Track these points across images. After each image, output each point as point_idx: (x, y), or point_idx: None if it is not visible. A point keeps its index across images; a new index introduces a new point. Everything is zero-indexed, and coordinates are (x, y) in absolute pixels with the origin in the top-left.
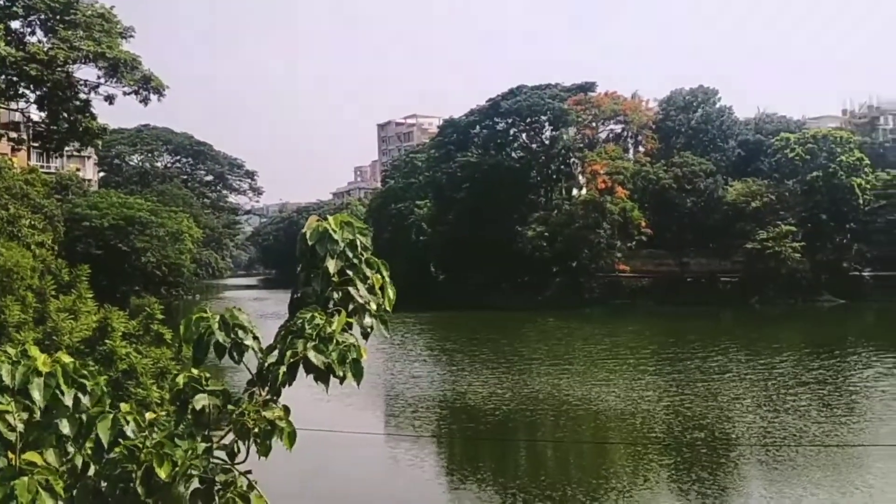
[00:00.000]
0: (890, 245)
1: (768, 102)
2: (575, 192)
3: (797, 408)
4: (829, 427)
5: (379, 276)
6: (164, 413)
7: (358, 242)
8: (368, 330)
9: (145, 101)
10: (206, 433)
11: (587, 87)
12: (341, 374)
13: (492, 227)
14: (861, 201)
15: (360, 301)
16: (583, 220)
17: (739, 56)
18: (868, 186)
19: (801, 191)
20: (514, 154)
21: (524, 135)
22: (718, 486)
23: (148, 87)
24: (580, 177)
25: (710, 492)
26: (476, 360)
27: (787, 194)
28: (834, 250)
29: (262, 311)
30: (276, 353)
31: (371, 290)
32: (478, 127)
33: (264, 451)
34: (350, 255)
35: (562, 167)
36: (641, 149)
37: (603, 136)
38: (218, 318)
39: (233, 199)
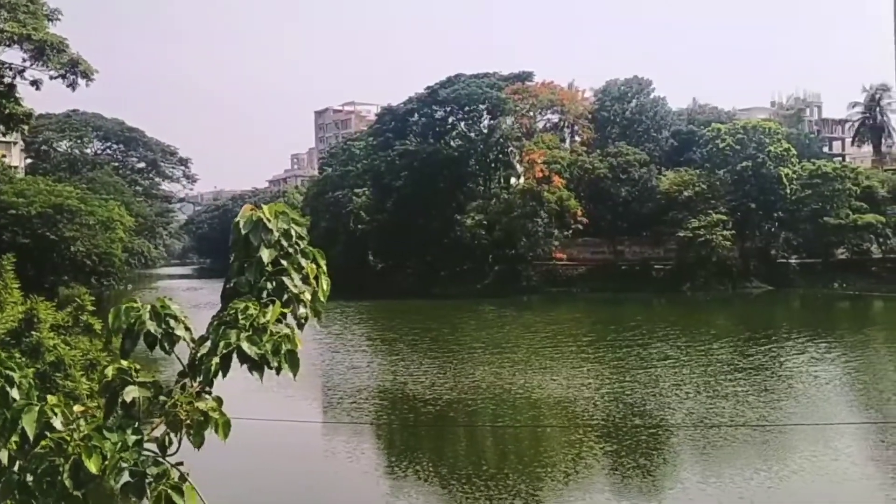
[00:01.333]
0: (814, 233)
1: (700, 94)
2: (513, 180)
3: (735, 393)
4: (765, 411)
5: (314, 266)
6: (94, 405)
7: (293, 232)
8: (303, 320)
9: (73, 85)
10: (137, 425)
11: (525, 77)
12: (276, 364)
13: (430, 215)
14: (788, 191)
15: (295, 291)
16: (521, 209)
17: (673, 48)
18: (794, 176)
19: (732, 180)
20: (452, 142)
21: (462, 123)
22: (657, 469)
23: (76, 71)
24: (518, 166)
25: (648, 475)
26: (416, 349)
27: (718, 184)
28: (762, 238)
29: (195, 301)
30: (208, 343)
31: (306, 280)
32: (416, 115)
33: (197, 442)
34: (285, 244)
35: (500, 156)
36: (578, 138)
37: (540, 125)
38: (149, 307)
39: (166, 186)
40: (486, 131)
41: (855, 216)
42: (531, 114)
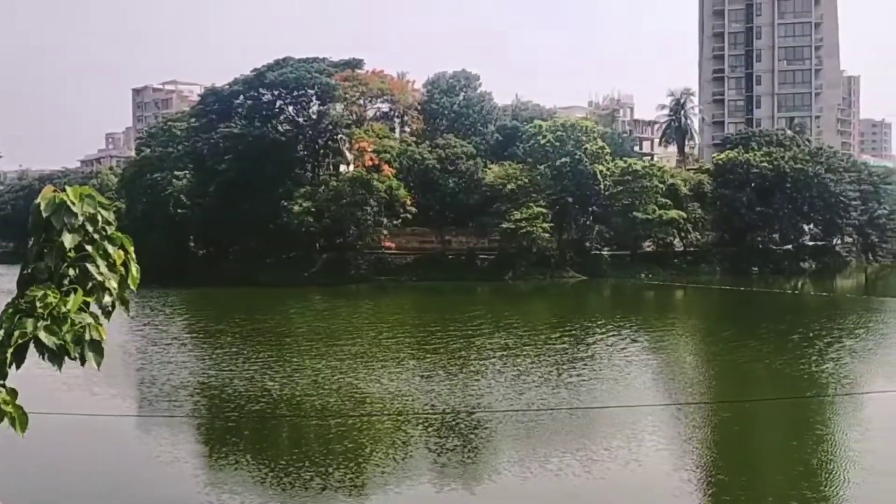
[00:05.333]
0: (625, 227)
1: (525, 91)
2: (342, 168)
3: (560, 379)
4: (591, 396)
5: (121, 252)
6: None
7: (99, 216)
8: (109, 309)
9: None
10: None
11: (355, 64)
12: (76, 355)
13: (256, 200)
14: (602, 187)
15: (100, 279)
16: (350, 197)
17: (499, 44)
18: (608, 173)
19: (552, 175)
20: (280, 127)
21: (291, 108)
22: (475, 453)
23: None
24: (348, 153)
25: (465, 459)
26: (239, 339)
27: (539, 178)
28: (578, 231)
29: None
30: (1, 333)
31: (112, 267)
32: (242, 97)
33: None
34: (90, 229)
35: (329, 143)
36: (407, 129)
37: (370, 114)
38: None
39: None
40: (314, 117)
41: (660, 212)
42: (361, 102)
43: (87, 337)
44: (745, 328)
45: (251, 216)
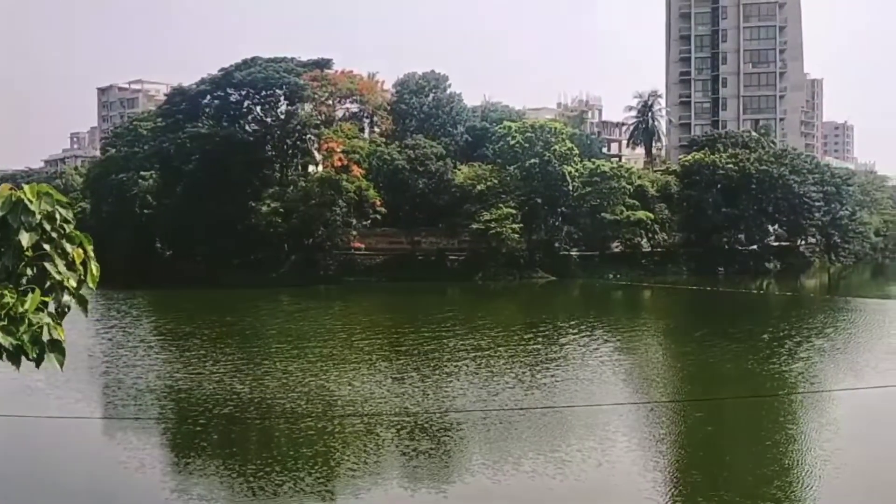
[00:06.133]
0: (593, 228)
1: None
2: (311, 168)
3: (534, 379)
4: (565, 397)
5: (81, 252)
6: None
7: (57, 214)
8: (66, 309)
9: None
10: None
11: (323, 64)
12: (34, 355)
13: (223, 201)
14: (571, 188)
15: (58, 278)
16: (319, 198)
17: (470, 45)
18: (577, 174)
19: (521, 176)
20: (248, 127)
21: (259, 108)
22: (447, 456)
23: None
24: (316, 154)
25: (437, 461)
26: (208, 341)
27: (508, 179)
28: (547, 231)
29: None
30: None
31: (71, 266)
32: (209, 97)
33: None
34: (48, 227)
35: (298, 143)
36: (377, 129)
37: (339, 114)
38: None
39: None
40: (283, 117)
41: (628, 213)
42: (330, 102)
43: (45, 337)
44: (715, 328)
45: (219, 217)
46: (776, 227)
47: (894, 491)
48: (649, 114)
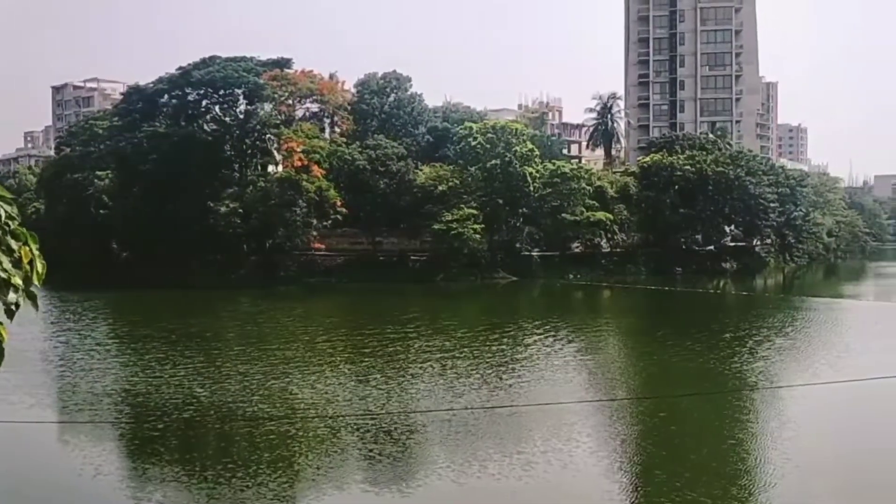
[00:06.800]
0: (554, 228)
1: (456, 92)
2: (271, 168)
3: (501, 379)
4: (531, 397)
5: (28, 249)
6: None
7: (2, 212)
8: (13, 307)
9: None
10: None
11: (283, 64)
12: None
13: (182, 201)
14: (532, 189)
15: (3, 275)
16: (279, 198)
17: (430, 46)
18: (538, 175)
19: (482, 177)
20: (206, 126)
21: (217, 107)
22: (412, 458)
23: None
24: (276, 153)
25: (402, 464)
26: (167, 344)
27: (470, 180)
28: (508, 232)
29: None
30: None
31: (17, 263)
32: (167, 96)
33: None
34: None
35: (257, 143)
36: (338, 129)
37: (300, 113)
38: None
39: None
40: (242, 117)
41: (588, 214)
42: (290, 101)
43: None
44: (676, 328)
45: (177, 217)
46: (732, 227)
47: (857, 489)
48: (608, 116)
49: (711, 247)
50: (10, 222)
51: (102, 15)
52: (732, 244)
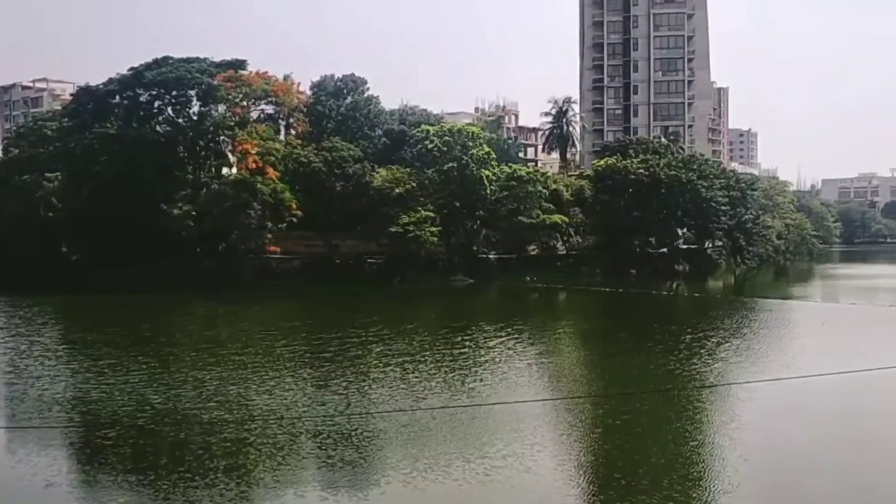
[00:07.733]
0: (510, 231)
1: (413, 95)
2: (225, 171)
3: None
4: (494, 399)
5: None
6: None
7: None
8: None
9: None
10: None
11: (237, 65)
12: None
13: (133, 204)
14: (488, 192)
15: None
16: (233, 200)
17: (388, 50)
18: (494, 178)
19: (439, 180)
20: (159, 128)
21: (170, 108)
22: (371, 463)
23: None
24: (231, 156)
25: (361, 470)
26: (118, 349)
27: (427, 182)
28: (465, 235)
29: None
30: None
31: None
32: (118, 97)
33: None
34: None
35: (211, 145)
36: (293, 131)
37: (254, 115)
38: None
39: None
40: (195, 118)
41: (544, 216)
42: (245, 103)
43: None
44: (634, 330)
45: (128, 220)
46: (685, 230)
47: (816, 492)
48: (564, 120)
49: (664, 249)
50: None
51: (51, 14)
52: (685, 246)
